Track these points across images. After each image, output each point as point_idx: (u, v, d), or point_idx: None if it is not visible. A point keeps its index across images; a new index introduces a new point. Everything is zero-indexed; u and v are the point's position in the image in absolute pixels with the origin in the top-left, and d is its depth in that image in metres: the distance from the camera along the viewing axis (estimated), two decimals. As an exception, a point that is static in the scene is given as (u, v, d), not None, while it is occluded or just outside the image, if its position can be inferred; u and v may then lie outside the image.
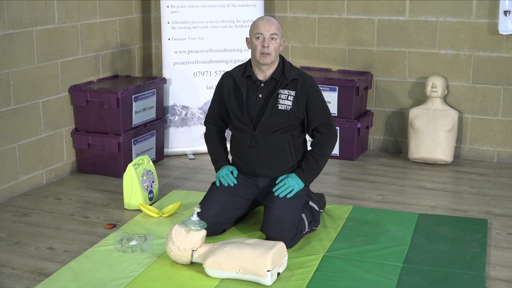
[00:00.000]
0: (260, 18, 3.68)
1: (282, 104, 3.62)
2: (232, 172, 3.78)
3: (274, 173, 3.72)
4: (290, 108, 3.63)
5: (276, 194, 3.62)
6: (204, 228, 3.39)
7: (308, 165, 3.70)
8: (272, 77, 3.65)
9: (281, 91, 3.64)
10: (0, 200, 4.33)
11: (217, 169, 3.84)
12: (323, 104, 3.72)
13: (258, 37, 3.60)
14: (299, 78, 3.65)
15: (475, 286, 3.20)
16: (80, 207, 4.28)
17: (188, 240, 3.32)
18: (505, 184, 4.70)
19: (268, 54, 3.57)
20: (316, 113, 3.67)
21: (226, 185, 3.72)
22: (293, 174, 3.68)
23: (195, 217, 3.37)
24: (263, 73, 3.66)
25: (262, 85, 3.66)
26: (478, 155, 5.26)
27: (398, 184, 4.71)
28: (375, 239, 3.72)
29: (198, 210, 3.38)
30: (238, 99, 3.68)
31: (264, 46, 3.57)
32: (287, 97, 3.63)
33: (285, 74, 3.64)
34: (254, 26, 3.65)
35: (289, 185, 3.63)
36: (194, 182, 4.75)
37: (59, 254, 3.58)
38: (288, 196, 3.61)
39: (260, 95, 3.66)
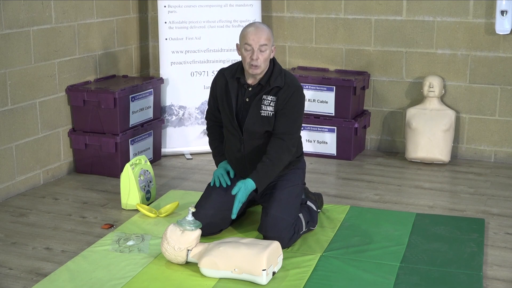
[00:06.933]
0: (249, 27, 3.56)
1: (265, 110, 3.58)
2: (229, 172, 3.78)
3: None
4: (272, 114, 3.57)
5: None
6: (200, 228, 3.39)
7: (264, 168, 3.55)
8: (259, 82, 3.61)
9: (264, 97, 3.59)
10: (-3, 200, 4.34)
11: (216, 163, 3.86)
12: (295, 116, 3.58)
13: (247, 49, 3.52)
14: (283, 86, 3.57)
15: (472, 285, 3.20)
16: (77, 207, 4.27)
17: (183, 240, 3.32)
18: (502, 184, 4.70)
19: (257, 66, 3.52)
20: (282, 119, 3.56)
21: (218, 185, 3.72)
22: (247, 179, 3.55)
23: (190, 217, 3.37)
24: (253, 78, 3.61)
25: (250, 89, 3.63)
26: (475, 155, 5.26)
27: (395, 184, 4.72)
28: (372, 238, 3.72)
29: (193, 210, 3.38)
30: (228, 101, 3.65)
31: (253, 59, 3.50)
32: (270, 103, 3.58)
33: (271, 80, 3.58)
34: (243, 36, 3.55)
35: (239, 187, 3.51)
36: (191, 182, 4.75)
37: (56, 254, 3.58)
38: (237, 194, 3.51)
39: (247, 99, 3.62)
